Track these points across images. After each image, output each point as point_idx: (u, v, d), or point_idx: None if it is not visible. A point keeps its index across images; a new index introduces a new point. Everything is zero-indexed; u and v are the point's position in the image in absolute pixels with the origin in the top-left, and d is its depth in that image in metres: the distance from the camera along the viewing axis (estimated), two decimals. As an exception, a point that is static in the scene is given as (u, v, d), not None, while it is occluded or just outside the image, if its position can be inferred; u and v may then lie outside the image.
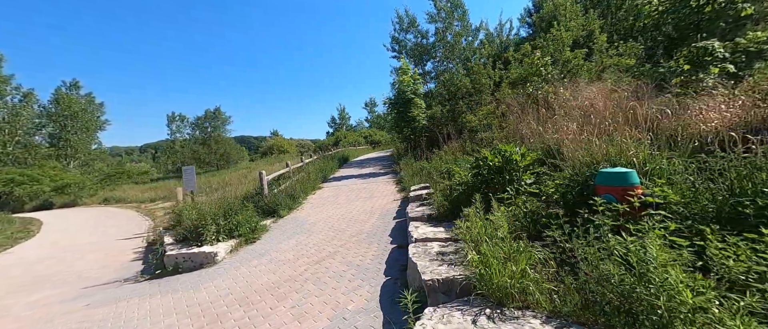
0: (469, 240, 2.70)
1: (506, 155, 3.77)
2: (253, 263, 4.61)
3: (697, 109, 3.19)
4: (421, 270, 2.56)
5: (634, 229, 1.85)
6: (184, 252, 4.90)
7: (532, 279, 1.95)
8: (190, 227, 5.23)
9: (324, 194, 9.61)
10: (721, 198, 1.97)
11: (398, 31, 23.57)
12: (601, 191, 2.39)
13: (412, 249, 3.15)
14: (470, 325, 1.82)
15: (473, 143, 8.92)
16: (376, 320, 2.63)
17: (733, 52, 6.05)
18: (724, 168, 2.15)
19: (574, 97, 5.44)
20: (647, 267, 1.44)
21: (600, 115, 4.83)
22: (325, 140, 61.06)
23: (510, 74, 11.77)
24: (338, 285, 3.46)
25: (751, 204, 1.81)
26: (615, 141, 2.82)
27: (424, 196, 5.95)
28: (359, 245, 4.73)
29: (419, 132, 13.10)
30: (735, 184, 1.97)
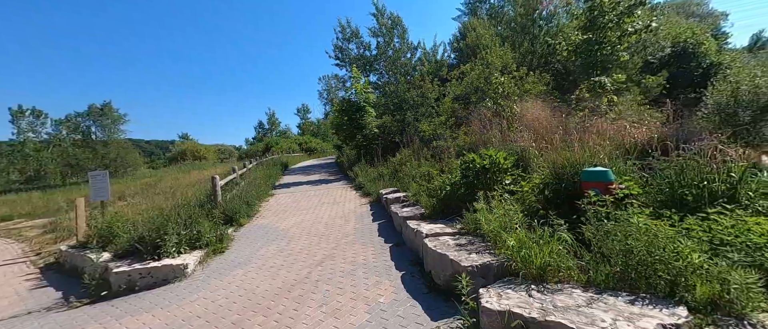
0: (489, 231, 3.07)
1: (493, 158, 4.36)
2: (237, 272, 4.18)
3: (624, 127, 4.29)
4: (456, 259, 2.80)
5: (618, 214, 2.47)
6: (138, 267, 4.11)
7: (562, 257, 2.38)
8: (146, 239, 4.42)
9: (280, 201, 9.08)
10: (667, 190, 2.78)
11: (341, 41, 23.85)
12: (586, 186, 3.05)
13: (430, 242, 3.38)
14: (527, 297, 2.13)
15: (429, 151, 9.66)
16: (414, 308, 2.77)
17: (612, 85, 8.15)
18: (663, 168, 3.02)
19: (522, 113, 6.53)
20: (659, 240, 2.00)
21: (543, 128, 5.93)
22: (252, 145, 56.35)
23: (454, 90, 13.14)
24: (355, 282, 3.45)
25: (689, 193, 2.62)
26: (587, 148, 3.61)
27: (402, 198, 6.24)
28: (353, 246, 4.73)
29: (371, 139, 13.43)
30: (674, 179, 2.81)
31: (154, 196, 11.73)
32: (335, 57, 24.10)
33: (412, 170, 7.48)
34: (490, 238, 3.08)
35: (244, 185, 9.09)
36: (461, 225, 3.82)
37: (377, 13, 22.38)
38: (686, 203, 2.60)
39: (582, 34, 8.96)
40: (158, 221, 4.62)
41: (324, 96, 72.90)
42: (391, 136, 13.42)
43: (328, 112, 71.15)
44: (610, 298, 1.95)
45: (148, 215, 5.38)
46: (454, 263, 2.80)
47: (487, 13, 26.26)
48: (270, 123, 73.90)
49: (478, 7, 27.46)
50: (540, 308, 1.92)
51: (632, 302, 1.86)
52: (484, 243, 3.16)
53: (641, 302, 1.84)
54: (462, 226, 3.76)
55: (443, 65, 20.78)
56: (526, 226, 2.93)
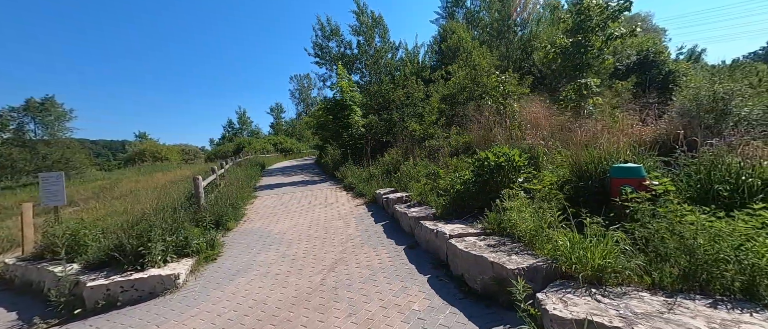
0: (525, 230, 2.93)
1: (509, 156, 4.27)
2: (239, 281, 3.74)
3: (633, 126, 4.38)
4: (498, 261, 2.60)
5: (668, 211, 2.40)
6: (118, 279, 3.55)
7: (619, 258, 2.20)
8: (126, 247, 3.83)
9: (266, 203, 8.54)
10: (698, 186, 2.80)
11: (321, 38, 23.28)
12: (618, 183, 3.01)
13: (459, 244, 3.19)
14: (596, 303, 1.94)
15: (422, 150, 9.54)
16: (455, 315, 2.56)
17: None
18: (689, 164, 3.06)
19: (521, 112, 6.58)
20: (729, 238, 1.91)
21: (543, 126, 6.00)
22: (220, 146, 53.29)
23: (441, 90, 13.17)
24: (379, 288, 3.18)
25: (723, 189, 2.65)
26: (610, 145, 3.61)
27: (404, 198, 6.03)
28: (362, 249, 4.44)
29: (358, 139, 13.11)
30: (706, 175, 2.84)
31: (113, 201, 10.63)
32: (315, 55, 23.54)
33: (411, 170, 7.29)
34: (526, 238, 2.95)
35: (224, 187, 8.42)
36: (483, 225, 3.67)
37: (358, 12, 22.11)
38: (720, 199, 2.62)
39: (568, 38, 9.29)
40: (141, 226, 4.04)
41: (296, 95, 71.05)
42: (378, 135, 13.16)
43: (301, 112, 69.54)
44: (687, 302, 1.82)
45: (118, 220, 4.74)
46: (495, 265, 2.62)
47: (463, 18, 26.84)
48: (241, 122, 70.63)
49: (455, 12, 27.99)
50: (618, 315, 1.76)
51: (714, 306, 1.74)
52: (517, 244, 3.01)
53: (724, 306, 1.72)
54: (484, 226, 3.61)
55: (426, 67, 20.91)
56: (562, 225, 2.82)
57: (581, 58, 8.88)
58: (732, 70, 16.12)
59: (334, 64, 23.43)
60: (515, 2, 24.06)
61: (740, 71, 14.87)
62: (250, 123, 71.09)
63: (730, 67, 21.49)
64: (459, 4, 27.58)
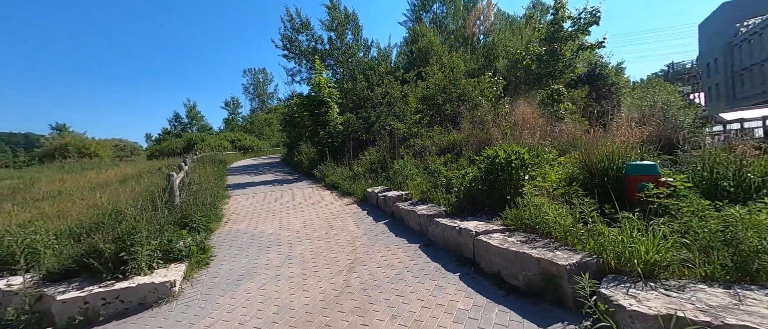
0: (563, 225, 2.96)
1: (519, 154, 4.39)
2: (248, 286, 3.34)
3: (619, 128, 4.75)
4: (545, 257, 2.60)
5: (686, 207, 2.61)
6: (98, 290, 2.96)
7: (668, 252, 2.24)
8: (105, 253, 3.21)
9: (243, 203, 7.89)
10: (705, 182, 3.10)
11: (290, 30, 22.31)
12: (635, 180, 3.22)
13: (492, 241, 3.15)
14: (664, 296, 1.95)
15: (407, 149, 9.54)
16: (506, 313, 2.50)
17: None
18: (691, 163, 3.39)
19: (511, 112, 6.89)
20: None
21: (532, 127, 6.34)
22: (163, 142, 47.87)
23: (420, 91, 13.31)
24: (413, 287, 3.04)
25: (729, 185, 2.96)
26: (618, 143, 3.86)
27: (404, 196, 5.94)
28: (374, 248, 4.25)
29: (336, 136, 12.73)
30: (711, 172, 3.15)
31: (37, 203, 9.02)
32: (284, 47, 22.52)
33: (404, 168, 7.22)
34: (558, 234, 2.98)
35: (196, 186, 7.59)
36: (503, 222, 3.71)
37: (331, 6, 21.60)
38: (727, 194, 2.92)
39: (541, 47, 9.97)
40: (123, 228, 3.43)
41: (250, 91, 67.21)
42: (357, 134, 12.90)
43: (256, 107, 65.76)
44: (748, 293, 1.89)
45: (62, 225, 3.99)
46: (541, 262, 2.61)
47: (430, 22, 27.59)
48: (190, 116, 64.74)
49: (422, 15, 28.64)
50: (696, 309, 1.78)
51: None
52: (549, 239, 3.03)
53: None
54: (507, 223, 3.63)
55: (399, 67, 21.04)
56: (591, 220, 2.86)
57: (554, 65, 9.57)
58: (647, 86, 18.62)
59: (304, 59, 22.63)
60: (476, 12, 25.37)
61: (654, 87, 17.34)
62: (201, 118, 65.45)
63: (647, 83, 24.70)
64: (426, 8, 28.23)
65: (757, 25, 30.28)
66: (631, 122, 5.28)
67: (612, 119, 10.68)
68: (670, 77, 40.53)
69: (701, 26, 40.17)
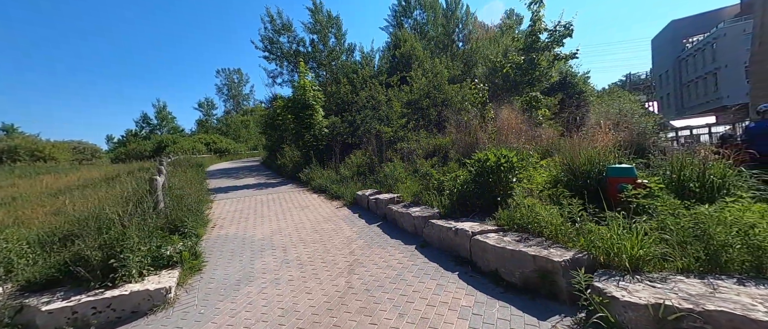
0: (553, 224, 3.17)
1: (508, 157, 4.63)
2: (248, 290, 3.29)
3: (596, 133, 5.14)
4: (540, 254, 2.76)
5: (661, 206, 2.90)
6: (88, 299, 2.81)
7: (650, 248, 2.45)
8: (91, 260, 3.04)
9: (229, 208, 7.69)
10: (674, 184, 3.44)
11: (271, 32, 21.96)
12: (614, 181, 3.52)
13: (489, 241, 3.31)
14: (650, 287, 2.14)
15: (394, 153, 9.66)
16: (506, 308, 2.62)
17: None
18: (661, 166, 3.75)
19: (496, 117, 7.20)
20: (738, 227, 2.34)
21: (514, 132, 6.68)
22: (134, 144, 45.05)
23: (406, 96, 13.54)
24: (413, 287, 3.12)
25: (695, 186, 3.31)
26: (598, 148, 4.18)
27: (396, 199, 6.04)
28: (371, 250, 4.31)
29: (321, 139, 12.65)
30: (679, 174, 3.50)
31: None
32: (264, 49, 22.14)
33: (393, 171, 7.33)
34: (549, 233, 3.17)
35: (178, 189, 7.30)
36: (496, 222, 3.90)
37: (314, 9, 21.51)
38: (693, 194, 3.26)
39: (519, 56, 10.49)
40: (112, 234, 3.27)
41: (224, 91, 65.12)
42: (342, 137, 12.88)
43: (230, 109, 63.70)
44: (720, 282, 2.11)
45: (32, 231, 3.76)
46: (537, 259, 2.78)
47: (411, 28, 28.13)
48: (159, 117, 61.55)
49: (403, 21, 29.13)
50: (679, 298, 1.98)
51: (741, 283, 2.05)
52: (540, 238, 3.21)
53: (751, 283, 2.05)
54: (501, 223, 3.82)
55: (382, 71, 21.25)
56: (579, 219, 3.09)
57: (532, 73, 10.10)
58: (609, 94, 20.10)
59: (285, 61, 22.32)
60: (455, 20, 26.22)
61: (618, 96, 18.79)
62: (172, 119, 62.39)
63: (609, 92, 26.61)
64: (407, 14, 28.75)
65: (700, 42, 33.55)
66: (606, 127, 5.72)
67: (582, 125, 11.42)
68: (627, 87, 43.62)
69: (653, 41, 43.76)
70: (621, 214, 2.84)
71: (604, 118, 10.39)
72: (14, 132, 45.04)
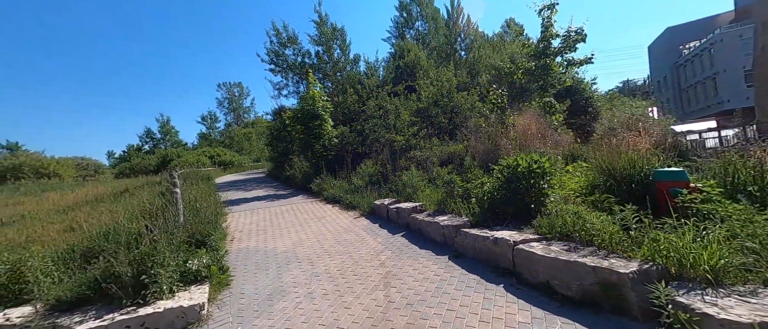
0: (600, 232, 3.01)
1: (540, 163, 4.49)
2: (282, 305, 3.13)
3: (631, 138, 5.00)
4: (602, 266, 2.58)
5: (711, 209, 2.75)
6: (122, 318, 2.65)
7: (730, 257, 2.26)
8: (123, 277, 2.90)
9: (244, 220, 7.55)
10: (728, 187, 3.27)
11: (276, 45, 22.18)
12: (663, 186, 3.35)
13: (538, 250, 3.15)
14: (744, 302, 1.97)
15: (408, 161, 9.55)
16: (570, 325, 2.46)
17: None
18: (712, 169, 3.59)
19: (514, 123, 7.11)
20: None
21: (538, 137, 6.57)
22: (139, 159, 45.04)
23: (415, 104, 13.52)
24: (459, 300, 2.95)
25: (754, 189, 3.15)
26: (639, 152, 4.03)
27: (418, 208, 5.89)
28: (402, 261, 4.14)
29: (330, 149, 12.56)
30: (734, 177, 3.34)
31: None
32: (270, 62, 22.33)
33: (411, 179, 7.19)
34: (603, 241, 2.97)
35: (196, 202, 7.18)
36: (536, 230, 3.73)
37: (319, 22, 21.78)
38: (751, 197, 3.09)
39: (529, 62, 10.49)
40: (143, 249, 3.13)
41: (225, 105, 65.68)
42: (352, 146, 12.80)
43: (231, 122, 64.11)
44: None
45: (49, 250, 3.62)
46: (598, 270, 2.60)
47: (413, 38, 28.41)
48: (163, 131, 62.02)
49: (405, 32, 29.45)
50: None
51: None
52: (592, 247, 3.04)
53: None
54: (540, 231, 3.65)
55: (387, 81, 21.38)
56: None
57: (545, 79, 10.06)
58: (611, 100, 20.14)
59: (291, 72, 22.48)
60: (457, 30, 26.50)
61: (622, 102, 18.79)
62: (176, 133, 62.82)
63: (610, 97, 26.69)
64: (409, 25, 29.11)
65: (697, 48, 33.87)
66: (627, 132, 5.61)
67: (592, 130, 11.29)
68: (625, 93, 43.85)
69: (650, 48, 44.21)
70: (684, 220, 2.69)
71: (615, 122, 10.31)
72: (18, 150, 45.18)
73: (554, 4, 9.31)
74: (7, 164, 34.10)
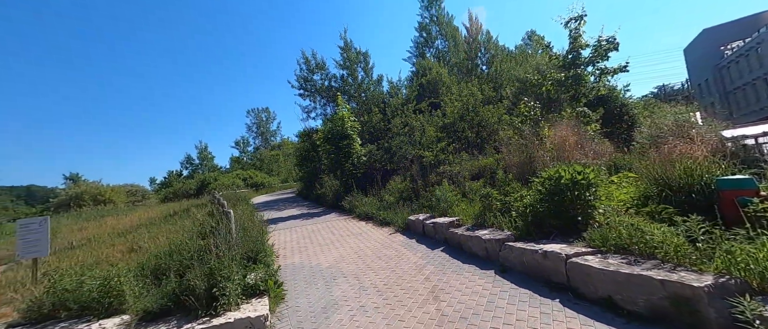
0: (664, 244, 2.89)
1: (585, 173, 4.42)
2: (337, 318, 3.26)
3: (682, 147, 4.78)
4: (671, 279, 2.48)
5: None
6: (201, 327, 2.89)
7: None
8: (197, 289, 3.17)
9: (283, 238, 7.86)
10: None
11: (306, 72, 23.47)
12: (729, 195, 3.18)
13: (589, 263, 3.09)
14: None
15: (437, 176, 9.59)
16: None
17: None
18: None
19: (550, 134, 7.01)
20: None
21: (578, 148, 6.42)
22: (181, 184, 47.92)
23: (440, 120, 13.66)
24: (515, 315, 2.94)
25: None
26: (698, 161, 3.85)
27: (456, 222, 5.89)
28: (446, 275, 4.16)
29: (359, 168, 12.88)
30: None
31: (66, 252, 8.96)
32: (300, 87, 23.56)
33: (446, 194, 7.22)
34: (666, 254, 2.85)
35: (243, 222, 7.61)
36: (587, 243, 3.63)
37: (345, 47, 22.87)
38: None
39: (558, 73, 10.35)
40: (213, 264, 3.42)
41: (253, 129, 69.23)
42: (381, 164, 13.05)
43: (259, 145, 67.36)
44: None
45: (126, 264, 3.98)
46: (668, 284, 2.49)
47: (433, 56, 28.85)
48: (201, 157, 66.10)
49: (425, 51, 30.03)
50: None
51: None
52: (653, 260, 2.93)
53: None
54: (593, 244, 3.55)
55: (411, 99, 21.77)
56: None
57: (577, 88, 9.87)
58: (647, 106, 19.07)
59: (318, 95, 23.56)
60: (477, 46, 26.68)
61: (654, 108, 17.73)
62: (213, 158, 66.76)
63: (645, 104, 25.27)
64: (429, 44, 29.71)
65: (741, 48, 31.63)
66: (677, 139, 5.36)
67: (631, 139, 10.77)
68: (662, 99, 41.58)
69: (686, 51, 41.94)
70: (760, 231, 2.56)
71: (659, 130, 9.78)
72: (79, 180, 50.13)
73: (582, 15, 9.27)
74: (71, 193, 37.82)
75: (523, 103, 8.91)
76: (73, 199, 36.00)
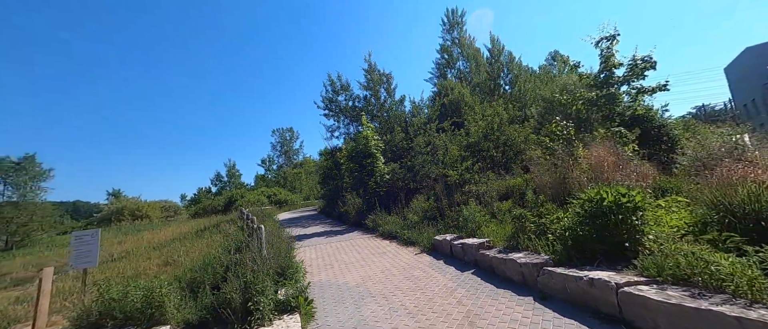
0: (734, 276, 2.60)
1: (631, 196, 4.15)
2: (371, 343, 3.15)
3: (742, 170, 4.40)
4: (749, 318, 2.23)
5: None
6: (229, 344, 2.90)
7: None
8: (233, 303, 3.21)
9: (309, 255, 7.87)
10: None
11: (331, 93, 24.32)
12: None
13: (646, 294, 2.83)
14: None
15: (462, 195, 9.37)
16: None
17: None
18: None
19: (585, 154, 6.72)
20: None
21: (619, 169, 6.08)
22: (210, 200, 49.87)
23: (463, 139, 13.53)
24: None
25: None
26: (765, 185, 3.53)
27: (486, 244, 5.67)
28: (480, 300, 3.95)
29: (382, 186, 12.87)
30: None
31: (107, 264, 9.41)
32: (325, 108, 24.37)
33: (474, 215, 7.01)
34: (737, 287, 2.57)
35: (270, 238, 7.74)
36: (639, 272, 3.35)
37: (369, 69, 23.59)
38: None
39: (589, 92, 10.05)
40: (248, 278, 3.46)
41: (277, 148, 71.70)
42: (403, 182, 12.99)
43: (283, 164, 69.58)
44: None
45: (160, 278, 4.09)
46: (745, 322, 2.23)
47: (454, 77, 29.00)
48: (229, 175, 68.95)
49: (447, 72, 30.29)
50: None
51: None
52: (722, 294, 2.63)
53: None
54: (646, 273, 3.27)
55: (433, 119, 21.85)
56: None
57: (611, 108, 9.50)
58: (687, 127, 17.92)
59: (342, 115, 24.21)
60: (499, 66, 26.61)
61: (695, 129, 16.61)
62: (240, 175, 69.39)
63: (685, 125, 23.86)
64: (450, 65, 30.00)
65: (793, 66, 29.51)
66: (734, 162, 4.96)
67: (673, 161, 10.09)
68: (703, 119, 39.19)
69: (727, 70, 39.90)
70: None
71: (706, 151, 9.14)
72: (120, 196, 53.52)
73: (615, 35, 9.07)
74: (113, 208, 40.37)
75: (554, 122, 8.67)
76: (114, 214, 38.29)
